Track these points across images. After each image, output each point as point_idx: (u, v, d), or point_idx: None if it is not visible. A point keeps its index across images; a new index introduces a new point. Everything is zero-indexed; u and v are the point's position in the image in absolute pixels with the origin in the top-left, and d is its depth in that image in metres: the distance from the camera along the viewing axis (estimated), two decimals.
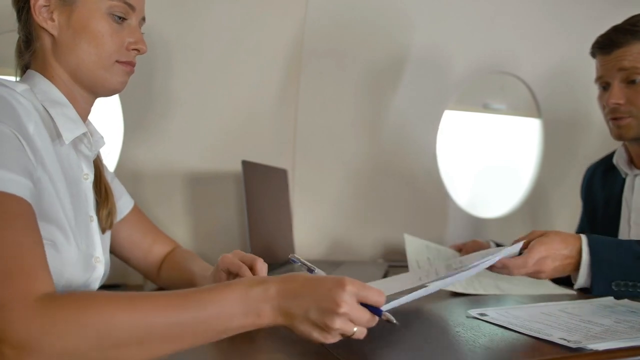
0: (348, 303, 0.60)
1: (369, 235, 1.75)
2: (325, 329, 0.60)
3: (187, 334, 0.58)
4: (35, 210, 0.64)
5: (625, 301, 0.99)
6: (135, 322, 0.55)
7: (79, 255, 0.77)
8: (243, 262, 0.84)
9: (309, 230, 1.67)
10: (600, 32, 1.24)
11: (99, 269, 0.84)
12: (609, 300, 0.99)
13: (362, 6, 1.61)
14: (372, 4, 1.62)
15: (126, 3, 0.85)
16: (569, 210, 1.97)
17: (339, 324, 0.60)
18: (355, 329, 0.62)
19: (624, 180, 1.28)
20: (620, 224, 1.26)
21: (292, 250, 1.58)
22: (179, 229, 1.43)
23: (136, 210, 1.07)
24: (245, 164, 1.26)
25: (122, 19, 0.85)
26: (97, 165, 0.91)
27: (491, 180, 2.08)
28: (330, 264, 1.45)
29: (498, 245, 1.40)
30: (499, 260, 0.92)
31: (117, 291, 0.62)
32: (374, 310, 0.63)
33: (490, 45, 1.81)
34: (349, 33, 1.62)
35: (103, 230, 0.88)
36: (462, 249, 1.35)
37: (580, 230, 1.47)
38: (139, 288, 1.19)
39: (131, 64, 0.88)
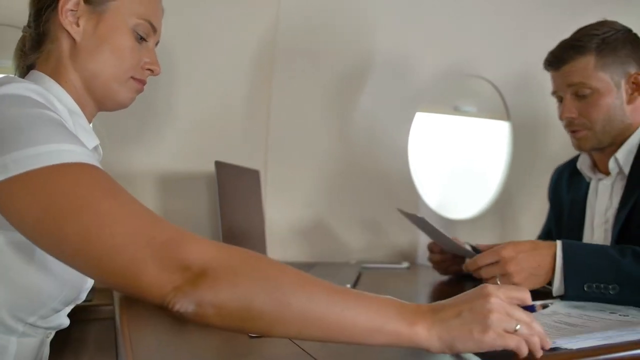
0: (496, 295, 0.60)
1: (342, 236, 1.75)
2: (484, 322, 0.58)
3: (345, 326, 0.57)
4: None
5: None
6: (306, 300, 0.56)
7: None
8: None
9: (282, 232, 1.66)
10: (565, 37, 1.26)
11: (89, 280, 0.82)
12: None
13: (334, 8, 1.61)
14: (345, 6, 1.62)
15: (151, 24, 0.86)
16: (534, 212, 2.01)
17: (496, 315, 0.58)
18: (518, 326, 0.59)
19: (588, 184, 1.31)
20: (585, 227, 1.29)
21: (265, 252, 1.57)
22: None
23: None
24: (219, 164, 1.24)
25: (142, 39, 0.86)
26: None
27: (461, 182, 2.11)
28: (303, 266, 1.44)
29: (473, 248, 1.42)
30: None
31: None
32: (527, 308, 0.64)
33: (460, 49, 1.83)
34: (321, 34, 1.62)
35: None
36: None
37: (547, 230, 1.50)
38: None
39: (143, 83, 0.88)
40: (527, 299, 0.64)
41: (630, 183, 1.16)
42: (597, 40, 1.17)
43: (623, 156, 1.19)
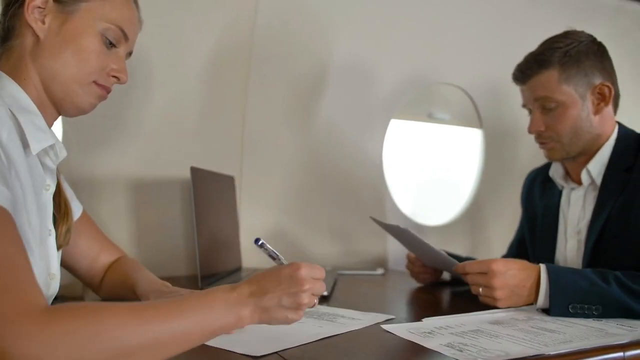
0: (307, 280, 0.70)
1: (317, 243, 1.75)
2: (297, 307, 0.69)
3: (186, 338, 0.61)
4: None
5: None
6: (143, 331, 0.56)
7: (40, 271, 0.72)
8: None
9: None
10: (535, 46, 1.26)
11: (53, 286, 0.80)
12: None
13: (310, 14, 1.61)
14: (321, 12, 1.62)
15: (122, 31, 0.84)
16: (505, 219, 2.04)
17: (306, 299, 0.69)
18: (316, 300, 0.73)
19: (561, 191, 1.32)
20: (558, 236, 1.30)
21: (240, 259, 1.55)
22: (122, 236, 1.37)
23: (85, 217, 1.02)
24: (194, 170, 1.22)
25: (112, 44, 0.83)
26: (58, 177, 0.86)
27: (434, 189, 2.13)
28: None
29: (449, 254, 1.43)
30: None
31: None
32: None
33: (433, 57, 1.85)
34: (298, 40, 1.61)
35: (59, 247, 0.83)
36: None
37: (520, 237, 1.51)
38: (79, 299, 1.13)
39: (107, 90, 0.85)
40: (323, 276, 0.74)
41: (602, 194, 1.17)
42: (560, 54, 1.17)
43: (595, 167, 1.20)
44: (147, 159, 1.43)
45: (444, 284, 1.39)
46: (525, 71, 1.22)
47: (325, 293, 0.75)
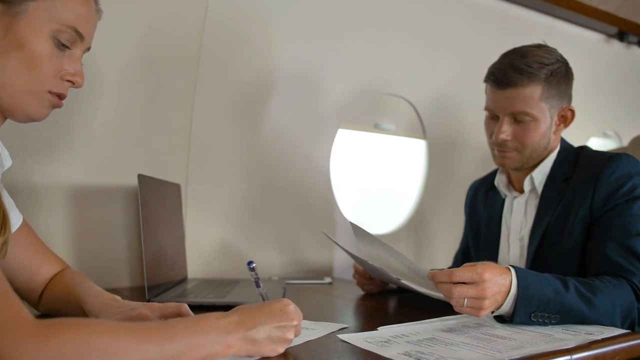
0: (296, 316, 0.74)
1: (264, 252, 1.73)
2: (283, 341, 0.72)
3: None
4: None
5: None
6: (135, 350, 0.57)
7: None
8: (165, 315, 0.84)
9: (203, 248, 1.60)
10: (478, 68, 1.30)
11: None
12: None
13: (260, 20, 1.60)
14: (272, 20, 1.62)
15: (76, 32, 0.78)
16: (447, 226, 2.10)
17: (293, 334, 0.73)
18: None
19: (503, 200, 1.37)
20: (501, 243, 1.34)
21: (185, 269, 1.51)
22: (62, 247, 1.30)
23: (25, 227, 0.95)
24: (142, 178, 1.18)
25: (65, 46, 0.77)
26: None
27: (380, 198, 2.16)
28: (227, 283, 1.40)
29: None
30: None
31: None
32: None
33: (381, 68, 1.89)
34: (246, 47, 1.60)
35: None
36: None
37: (464, 246, 1.56)
38: None
39: (62, 97, 0.80)
40: (300, 320, 0.76)
41: (543, 203, 1.23)
42: (547, 71, 1.18)
43: (538, 176, 1.26)
44: (89, 165, 1.37)
45: (390, 292, 1.41)
46: (511, 79, 1.17)
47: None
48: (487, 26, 2.02)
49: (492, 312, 0.95)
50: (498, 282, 0.91)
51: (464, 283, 0.90)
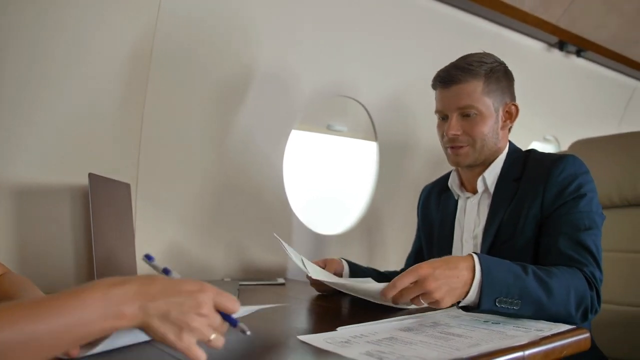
0: (208, 305, 0.62)
1: (217, 253, 1.70)
2: (184, 327, 0.60)
3: (44, 346, 0.53)
4: None
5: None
6: None
7: None
8: None
9: (154, 249, 1.56)
10: (430, 73, 1.36)
11: None
12: (452, 310, 1.10)
13: (215, 19, 1.57)
14: (225, 19, 1.59)
15: None
16: (399, 226, 2.14)
17: (198, 323, 0.61)
18: (213, 335, 0.63)
19: (456, 202, 1.42)
20: (454, 242, 1.39)
21: (135, 271, 1.46)
22: (4, 250, 1.24)
23: None
24: (92, 177, 1.14)
25: None
26: None
27: (332, 199, 2.17)
28: None
29: (348, 262, 1.46)
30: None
31: None
32: (229, 319, 0.66)
33: (336, 71, 1.90)
34: (200, 46, 1.57)
35: None
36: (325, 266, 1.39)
37: (417, 248, 1.60)
38: None
39: None
40: (234, 310, 0.66)
41: (495, 201, 1.30)
42: (486, 68, 1.29)
43: (489, 176, 1.33)
44: (33, 163, 1.30)
45: (344, 292, 1.42)
46: (454, 76, 1.28)
47: (248, 332, 0.68)
48: (440, 32, 2.07)
49: (459, 302, 0.99)
50: (446, 273, 0.95)
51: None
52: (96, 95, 1.41)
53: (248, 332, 0.68)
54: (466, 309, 1.01)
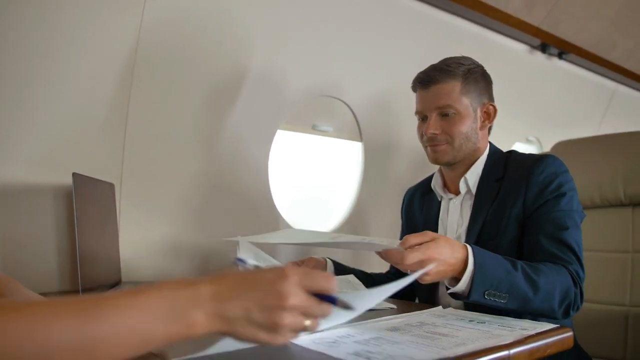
0: (295, 294, 0.53)
1: (200, 255, 1.69)
2: (274, 327, 0.53)
3: (99, 348, 0.46)
4: None
5: (450, 309, 1.11)
6: (32, 334, 0.43)
7: None
8: None
9: (138, 249, 1.55)
10: (414, 74, 1.39)
11: None
12: (438, 309, 1.11)
13: (202, 19, 1.56)
14: (213, 18, 1.58)
15: None
16: (384, 226, 2.15)
17: (289, 319, 0.53)
18: (307, 322, 0.55)
19: (440, 203, 1.43)
20: None
21: (119, 272, 1.45)
22: None
23: None
24: (76, 176, 1.12)
25: None
26: None
27: (318, 199, 2.17)
28: None
29: (334, 262, 1.46)
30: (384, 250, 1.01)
31: None
32: (327, 298, 0.57)
33: (322, 71, 1.90)
34: (188, 44, 1.56)
35: None
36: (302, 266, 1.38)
37: None
38: None
39: None
40: (330, 289, 0.57)
41: (478, 202, 1.32)
42: (464, 69, 1.32)
43: (471, 177, 1.35)
44: (16, 162, 1.29)
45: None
46: (433, 77, 1.32)
47: (353, 307, 0.59)
48: (425, 33, 2.08)
49: (448, 288, 1.04)
50: (447, 250, 0.98)
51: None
52: (80, 95, 1.39)
53: (352, 306, 0.59)
54: (455, 295, 1.05)
